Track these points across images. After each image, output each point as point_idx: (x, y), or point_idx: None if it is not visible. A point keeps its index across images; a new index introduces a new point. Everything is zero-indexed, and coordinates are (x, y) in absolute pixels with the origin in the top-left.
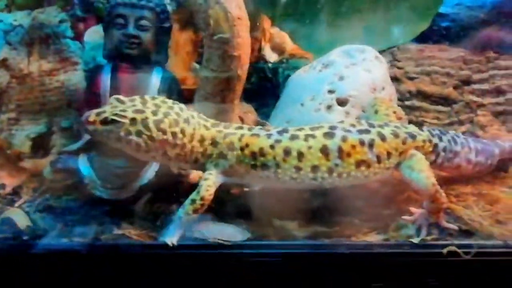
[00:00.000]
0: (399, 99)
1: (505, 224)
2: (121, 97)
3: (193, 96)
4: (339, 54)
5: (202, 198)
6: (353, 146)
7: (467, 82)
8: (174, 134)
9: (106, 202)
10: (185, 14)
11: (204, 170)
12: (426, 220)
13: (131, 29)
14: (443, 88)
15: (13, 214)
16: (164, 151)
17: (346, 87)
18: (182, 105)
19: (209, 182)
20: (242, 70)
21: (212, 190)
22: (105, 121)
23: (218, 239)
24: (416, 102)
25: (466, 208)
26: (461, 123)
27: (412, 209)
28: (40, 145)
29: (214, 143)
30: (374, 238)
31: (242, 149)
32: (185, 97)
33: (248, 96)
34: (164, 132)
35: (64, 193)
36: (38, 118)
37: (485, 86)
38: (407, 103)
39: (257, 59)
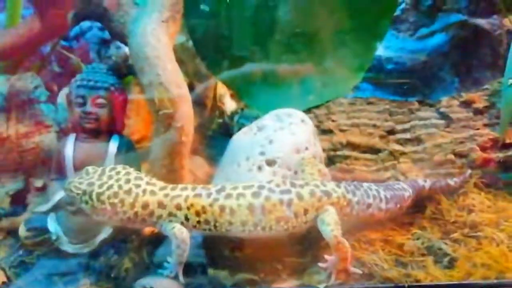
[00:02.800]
0: (332, 150)
1: (405, 266)
2: (90, 168)
3: None
4: (271, 118)
5: (178, 246)
6: (274, 205)
7: (391, 132)
8: (113, 205)
9: (72, 256)
10: None
11: (156, 227)
12: (335, 266)
13: (88, 108)
14: (370, 138)
15: None
16: (109, 217)
17: (274, 150)
18: (133, 174)
19: (175, 230)
20: (187, 137)
21: (184, 233)
22: (69, 190)
23: None
24: (346, 152)
25: (374, 253)
26: (386, 169)
27: (326, 256)
28: (18, 201)
29: (161, 205)
30: (291, 283)
31: (188, 208)
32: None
33: (209, 144)
34: (103, 203)
35: (35, 249)
36: (16, 176)
37: (406, 136)
38: (339, 153)
39: (214, 109)
